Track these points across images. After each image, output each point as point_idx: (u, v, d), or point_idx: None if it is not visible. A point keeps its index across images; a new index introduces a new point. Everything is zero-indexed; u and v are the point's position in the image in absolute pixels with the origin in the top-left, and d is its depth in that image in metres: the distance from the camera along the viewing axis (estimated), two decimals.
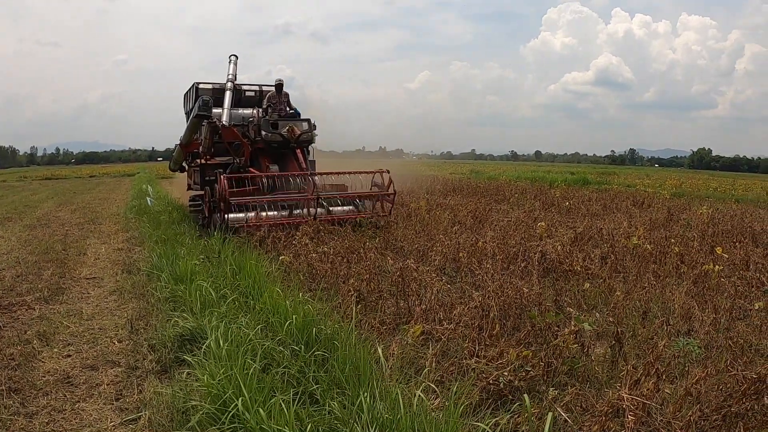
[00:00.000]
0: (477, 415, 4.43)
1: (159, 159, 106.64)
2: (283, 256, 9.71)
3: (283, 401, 4.17)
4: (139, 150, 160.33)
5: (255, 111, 17.72)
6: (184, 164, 20.70)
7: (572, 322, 5.78)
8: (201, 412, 4.34)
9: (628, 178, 48.81)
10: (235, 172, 15.04)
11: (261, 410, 4.02)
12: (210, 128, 15.97)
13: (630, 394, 4.21)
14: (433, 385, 4.70)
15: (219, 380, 4.57)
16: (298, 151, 16.29)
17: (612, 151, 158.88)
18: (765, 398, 4.18)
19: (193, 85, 18.23)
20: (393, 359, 5.33)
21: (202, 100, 15.14)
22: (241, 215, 13.39)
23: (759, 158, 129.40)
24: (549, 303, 7.17)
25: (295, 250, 10.52)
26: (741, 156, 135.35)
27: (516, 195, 24.03)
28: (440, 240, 10.96)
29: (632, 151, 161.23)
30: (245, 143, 15.81)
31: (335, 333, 5.64)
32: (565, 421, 4.40)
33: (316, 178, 14.86)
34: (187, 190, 19.74)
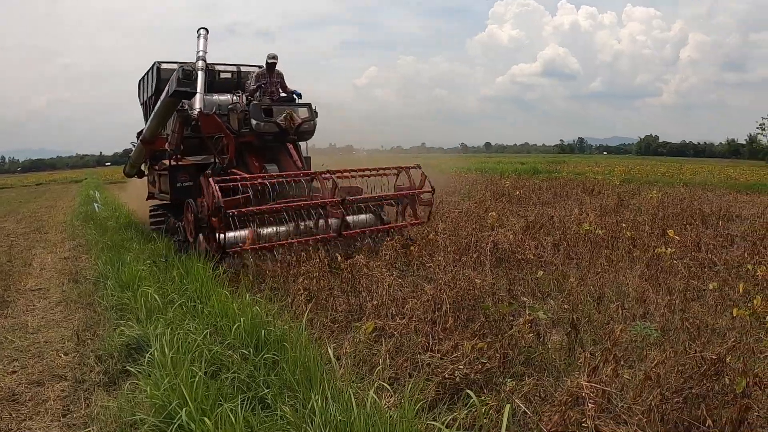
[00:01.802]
0: (434, 412, 4.35)
1: (107, 164, 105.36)
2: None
3: (231, 409, 4.04)
4: (86, 155, 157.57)
5: (234, 96, 13.54)
6: (143, 167, 16.51)
7: (527, 312, 5.75)
8: (147, 425, 4.18)
9: (577, 166, 49.53)
10: (217, 175, 10.82)
11: (207, 420, 3.88)
12: (180, 118, 12.64)
13: (589, 382, 4.16)
14: (386, 384, 4.63)
15: (163, 390, 4.41)
16: (290, 145, 13.36)
17: (561, 140, 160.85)
18: (725, 378, 4.19)
19: (153, 66, 14.69)
20: (346, 358, 5.26)
21: (182, 70, 10.85)
22: (242, 233, 9.92)
23: (705, 143, 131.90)
24: (503, 293, 7.15)
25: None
26: (687, 141, 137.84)
27: (466, 186, 24.14)
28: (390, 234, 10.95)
29: (581, 139, 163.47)
30: (230, 137, 12.09)
31: (285, 334, 5.50)
32: (525, 412, 4.34)
33: (330, 179, 11.03)
34: (148, 199, 16.07)
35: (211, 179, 9.49)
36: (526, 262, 9.08)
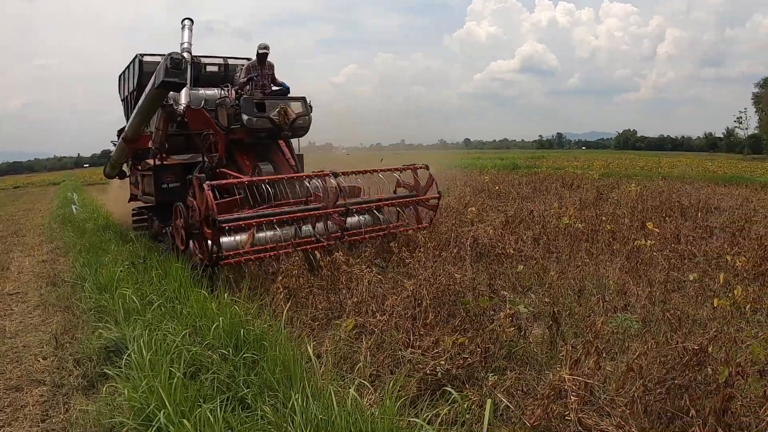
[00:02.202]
0: (415, 408, 4.33)
1: (85, 165, 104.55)
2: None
3: (210, 410, 4.00)
4: (64, 157, 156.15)
5: (222, 90, 12.48)
6: (125, 168, 15.75)
7: (507, 306, 5.76)
8: (126, 429, 4.14)
9: (556, 161, 49.83)
10: (206, 176, 9.90)
11: (186, 422, 3.84)
12: (165, 114, 11.91)
13: (571, 375, 4.17)
14: (366, 382, 4.62)
15: (141, 393, 4.36)
16: (282, 142, 12.48)
17: (540, 136, 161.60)
18: (708, 368, 4.19)
19: (134, 59, 13.72)
20: (327, 356, 5.24)
21: (171, 59, 9.93)
22: (240, 237, 9.03)
23: (682, 137, 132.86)
24: (483, 287, 7.15)
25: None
26: (665, 135, 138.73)
27: (446, 182, 24.27)
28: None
29: (559, 135, 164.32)
30: (220, 133, 11.34)
31: (264, 333, 5.49)
32: (507, 407, 4.34)
33: (333, 180, 10.02)
34: (130, 201, 15.40)
35: (205, 184, 8.33)
36: (506, 256, 9.10)
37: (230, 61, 14.52)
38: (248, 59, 13.28)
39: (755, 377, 4.24)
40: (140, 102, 11.81)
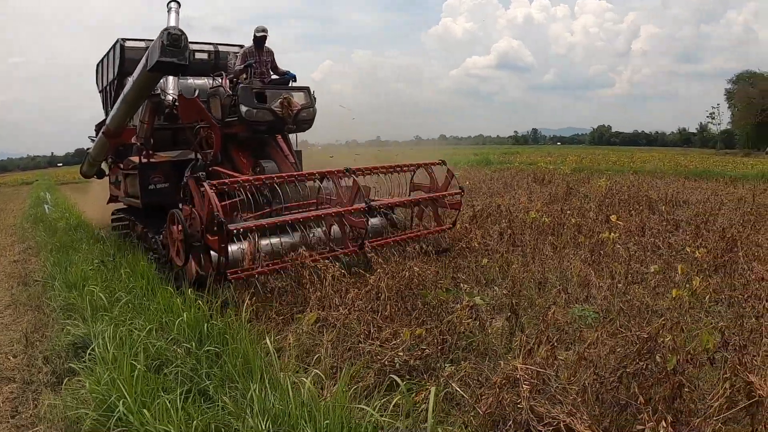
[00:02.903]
0: (372, 398, 4.46)
1: (59, 164, 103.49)
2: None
3: (170, 400, 4.14)
4: (38, 156, 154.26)
5: (214, 80, 11.21)
6: (104, 166, 14.34)
7: (464, 298, 5.91)
8: (89, 420, 4.26)
9: (530, 156, 50.03)
10: (197, 172, 8.66)
11: (146, 411, 3.97)
12: (151, 105, 10.91)
13: (524, 364, 4.29)
14: (321, 373, 4.75)
15: (104, 385, 4.50)
16: (280, 138, 11.38)
17: (515, 131, 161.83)
18: (657, 356, 4.30)
19: (115, 45, 12.58)
20: (289, 349, 5.36)
21: (168, 35, 8.65)
22: (245, 247, 7.89)
23: (656, 132, 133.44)
24: (447, 281, 7.28)
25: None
26: (640, 131, 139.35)
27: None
28: None
29: (534, 130, 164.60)
30: (215, 126, 10.12)
31: (227, 327, 5.64)
32: (462, 396, 4.48)
33: (343, 180, 9.22)
34: (109, 202, 14.37)
35: (205, 183, 7.38)
36: (471, 250, 9.24)
37: (221, 48, 13.39)
38: (240, 46, 12.57)
39: (707, 365, 4.42)
40: (126, 89, 10.43)
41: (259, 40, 11.23)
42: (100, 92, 14.42)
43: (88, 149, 14.56)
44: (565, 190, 17.60)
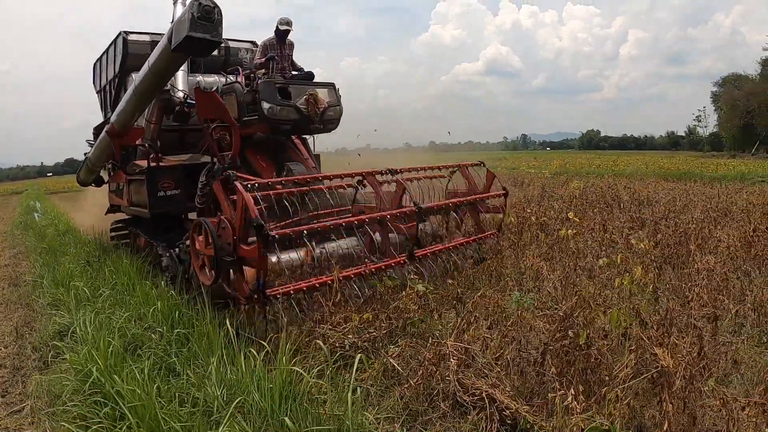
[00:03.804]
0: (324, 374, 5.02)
1: (49, 174, 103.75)
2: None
3: (138, 370, 4.76)
4: (27, 166, 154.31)
5: (225, 77, 10.69)
6: (103, 173, 13.16)
7: (409, 285, 6.46)
8: (69, 387, 4.91)
9: (515, 162, 50.48)
10: (215, 177, 8.06)
11: (116, 377, 4.60)
12: (160, 103, 9.79)
13: (453, 342, 4.87)
14: (268, 346, 5.26)
15: (83, 357, 5.17)
16: (297, 139, 10.44)
17: (504, 137, 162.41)
18: (569, 332, 4.75)
19: (116, 38, 11.52)
20: (251, 331, 5.97)
21: (199, 5, 7.29)
22: (292, 255, 7.16)
23: (646, 136, 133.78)
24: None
25: None
26: (629, 135, 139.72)
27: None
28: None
29: (524, 136, 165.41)
30: (235, 125, 8.90)
31: (195, 314, 6.29)
32: (394, 369, 5.05)
33: (382, 183, 8.49)
34: (108, 213, 12.98)
35: (237, 184, 6.23)
36: None
37: (231, 44, 12.39)
38: (252, 42, 12.16)
39: (621, 340, 4.93)
40: (138, 80, 9.09)
41: (283, 33, 10.51)
42: (97, 92, 13.47)
43: (86, 154, 13.07)
44: (540, 192, 18.00)
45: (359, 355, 5.09)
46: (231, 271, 6.39)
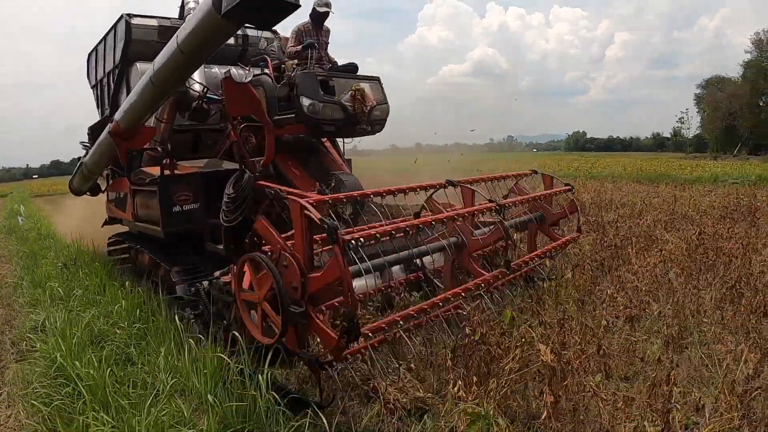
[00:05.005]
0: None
1: (34, 176, 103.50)
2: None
3: (97, 358, 5.53)
4: (13, 168, 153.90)
5: (244, 70, 9.52)
6: (100, 181, 11.46)
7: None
8: (38, 372, 5.68)
9: (497, 164, 50.77)
10: (245, 189, 6.68)
11: (77, 362, 5.39)
12: (173, 99, 8.49)
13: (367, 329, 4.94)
14: (203, 338, 5.84)
15: (51, 346, 5.96)
16: (327, 142, 9.20)
17: (491, 139, 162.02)
18: (467, 329, 5.11)
19: (119, 22, 9.78)
20: (196, 324, 6.67)
21: None
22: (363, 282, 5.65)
23: (631, 137, 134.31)
24: None
25: None
26: (615, 137, 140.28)
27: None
28: None
29: (510, 137, 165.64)
30: (269, 124, 7.30)
31: (154, 310, 7.07)
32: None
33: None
34: (105, 225, 11.33)
35: (300, 200, 4.47)
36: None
37: (250, 32, 10.61)
38: (273, 31, 10.49)
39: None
40: (158, 64, 6.81)
41: (321, 16, 8.89)
42: (92, 87, 11.80)
43: (81, 159, 11.10)
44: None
45: None
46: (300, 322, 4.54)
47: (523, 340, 4.85)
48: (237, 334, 5.05)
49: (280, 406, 4.48)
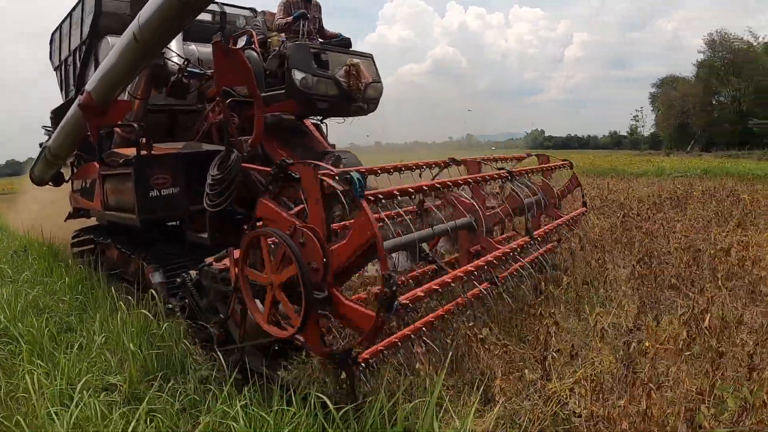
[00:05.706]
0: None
1: None
2: None
3: (39, 322, 6.16)
4: None
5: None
6: (64, 170, 10.41)
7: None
8: None
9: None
10: (232, 171, 6.16)
11: (19, 324, 6.11)
12: (148, 74, 7.69)
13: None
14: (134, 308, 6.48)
15: None
16: (310, 124, 8.81)
17: (450, 137, 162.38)
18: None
19: None
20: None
21: None
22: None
23: (589, 136, 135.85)
24: None
25: None
26: (573, 135, 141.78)
27: None
28: None
29: (469, 136, 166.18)
30: (259, 99, 6.71)
31: (94, 284, 7.73)
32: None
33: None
34: (68, 219, 10.40)
35: (318, 173, 3.98)
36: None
37: (228, 10, 10.16)
38: (251, 9, 10.20)
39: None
40: (149, 12, 5.81)
41: None
42: (56, 69, 11.10)
43: (42, 144, 10.07)
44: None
45: None
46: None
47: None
48: (233, 329, 4.78)
49: (193, 356, 5.16)
